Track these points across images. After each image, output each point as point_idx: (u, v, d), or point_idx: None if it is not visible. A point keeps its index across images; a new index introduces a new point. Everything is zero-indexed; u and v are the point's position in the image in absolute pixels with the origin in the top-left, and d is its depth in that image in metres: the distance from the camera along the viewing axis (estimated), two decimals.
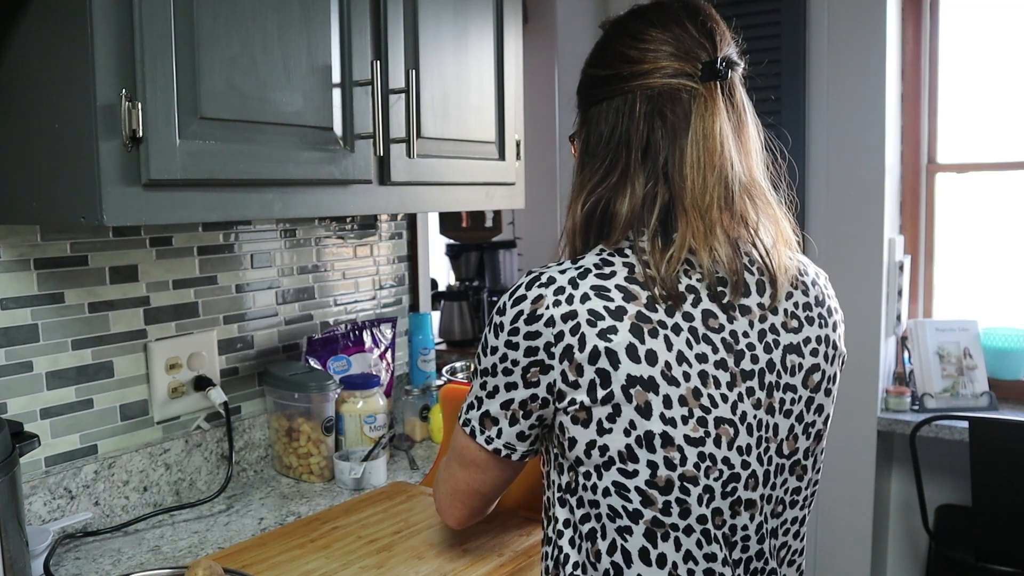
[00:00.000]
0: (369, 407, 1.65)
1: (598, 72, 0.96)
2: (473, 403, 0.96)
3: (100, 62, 0.96)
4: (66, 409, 1.36)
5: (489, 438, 0.94)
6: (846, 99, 2.60)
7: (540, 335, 0.87)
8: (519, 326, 0.88)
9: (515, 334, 0.89)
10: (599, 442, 0.87)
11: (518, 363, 0.89)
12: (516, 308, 0.89)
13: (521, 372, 0.89)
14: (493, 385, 0.92)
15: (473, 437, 0.95)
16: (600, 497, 0.89)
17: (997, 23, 2.70)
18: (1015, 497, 2.15)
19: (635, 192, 0.91)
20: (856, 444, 2.64)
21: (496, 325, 0.91)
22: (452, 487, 1.03)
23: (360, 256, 1.91)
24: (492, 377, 0.92)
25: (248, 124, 1.13)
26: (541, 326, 0.87)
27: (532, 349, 0.88)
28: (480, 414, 0.94)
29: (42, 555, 1.18)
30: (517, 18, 1.65)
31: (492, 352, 0.91)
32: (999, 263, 2.78)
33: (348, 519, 1.38)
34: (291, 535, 1.32)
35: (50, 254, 1.32)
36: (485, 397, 0.93)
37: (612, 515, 0.88)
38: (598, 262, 0.90)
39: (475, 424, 0.95)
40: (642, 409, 0.84)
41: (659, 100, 0.91)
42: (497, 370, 0.91)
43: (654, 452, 0.85)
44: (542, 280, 0.89)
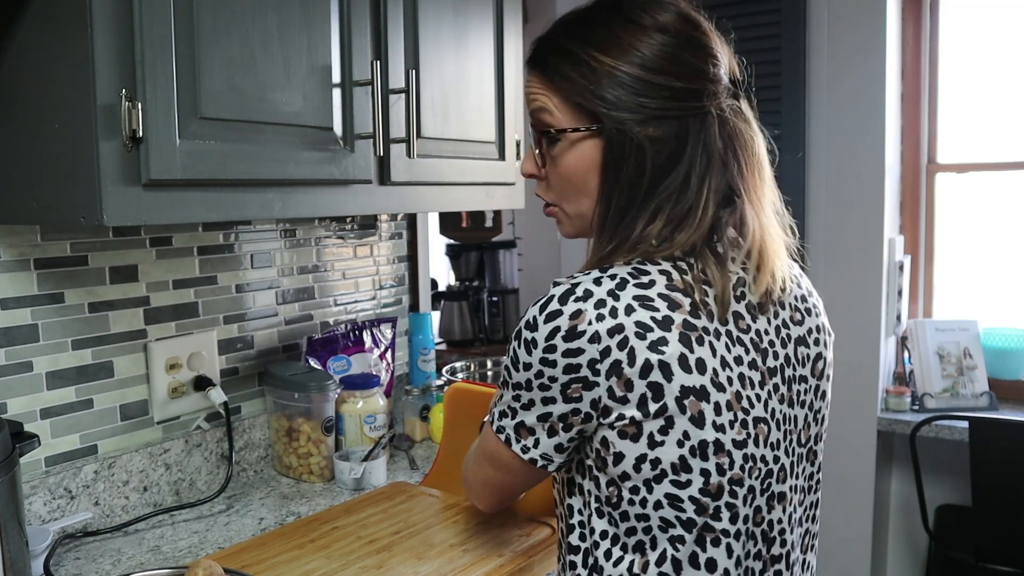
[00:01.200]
0: (369, 407, 1.65)
1: (653, 79, 0.86)
2: (506, 412, 0.91)
3: (100, 62, 0.96)
4: (66, 409, 1.36)
5: (525, 447, 0.90)
6: (846, 99, 2.60)
7: (583, 352, 0.83)
8: (556, 343, 0.83)
9: (551, 351, 0.84)
10: (650, 455, 0.84)
11: (556, 379, 0.85)
12: (551, 324, 0.84)
13: (560, 388, 0.85)
14: (528, 399, 0.88)
15: (508, 445, 0.91)
16: (651, 511, 0.86)
17: (997, 23, 2.70)
18: (1015, 497, 2.15)
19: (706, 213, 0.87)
20: (856, 444, 2.64)
21: (528, 341, 0.86)
22: (484, 480, 1.00)
23: (360, 256, 1.91)
24: (526, 391, 0.88)
25: (248, 124, 1.13)
26: (584, 343, 0.82)
27: (573, 366, 0.83)
28: (515, 423, 0.90)
29: (42, 555, 1.18)
30: (517, 18, 1.65)
31: (525, 368, 0.86)
32: (999, 263, 2.78)
33: (348, 519, 1.38)
34: (291, 535, 1.32)
35: (50, 254, 1.32)
36: (520, 408, 0.89)
37: (664, 526, 0.86)
38: (632, 271, 0.85)
39: (510, 432, 0.91)
40: (695, 419, 0.83)
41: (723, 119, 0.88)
42: (532, 385, 0.87)
43: (707, 460, 0.85)
44: (578, 293, 0.84)
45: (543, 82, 0.91)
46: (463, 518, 1.37)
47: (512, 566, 1.21)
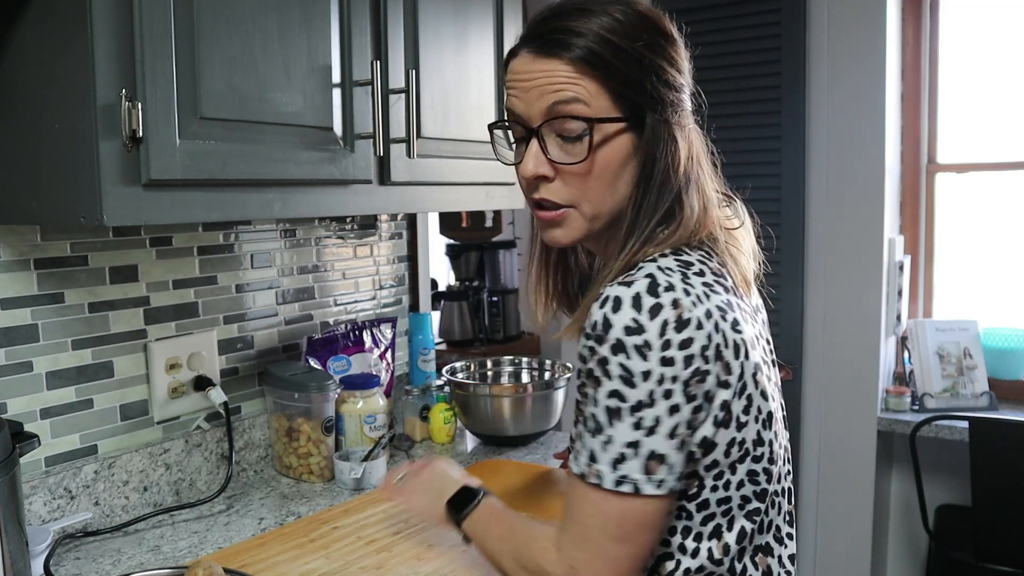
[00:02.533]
0: (369, 407, 1.65)
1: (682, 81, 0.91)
2: (624, 453, 0.80)
3: (100, 62, 0.96)
4: (66, 409, 1.36)
5: (660, 482, 0.81)
6: (846, 99, 2.60)
7: (693, 340, 0.79)
8: (670, 337, 0.79)
9: (667, 347, 0.79)
10: (738, 438, 0.84)
11: (678, 378, 0.79)
12: (659, 318, 0.79)
13: (682, 387, 0.80)
14: (654, 417, 0.80)
15: (636, 493, 0.81)
16: (733, 491, 0.86)
17: (997, 23, 2.70)
18: (1015, 497, 2.15)
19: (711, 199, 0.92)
20: (856, 444, 2.64)
21: (639, 346, 0.79)
22: (618, 568, 0.83)
23: (360, 256, 1.91)
24: (650, 408, 0.79)
25: (248, 124, 1.13)
26: (693, 330, 0.79)
27: (689, 358, 0.79)
28: (642, 461, 0.80)
29: (42, 555, 1.18)
30: (517, 18, 1.65)
31: (644, 378, 0.79)
32: (999, 263, 2.78)
33: (348, 519, 1.38)
34: (291, 535, 1.32)
35: (50, 254, 1.32)
36: (644, 436, 0.80)
37: (743, 503, 0.87)
38: (678, 263, 0.85)
39: (637, 476, 0.80)
40: (763, 393, 0.86)
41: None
42: (656, 396, 0.79)
43: (769, 430, 0.88)
44: (663, 285, 0.80)
45: (580, 71, 0.85)
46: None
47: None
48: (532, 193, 0.92)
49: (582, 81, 0.85)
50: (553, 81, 0.86)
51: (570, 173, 0.88)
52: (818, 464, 2.73)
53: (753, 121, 2.63)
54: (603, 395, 0.80)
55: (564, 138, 0.88)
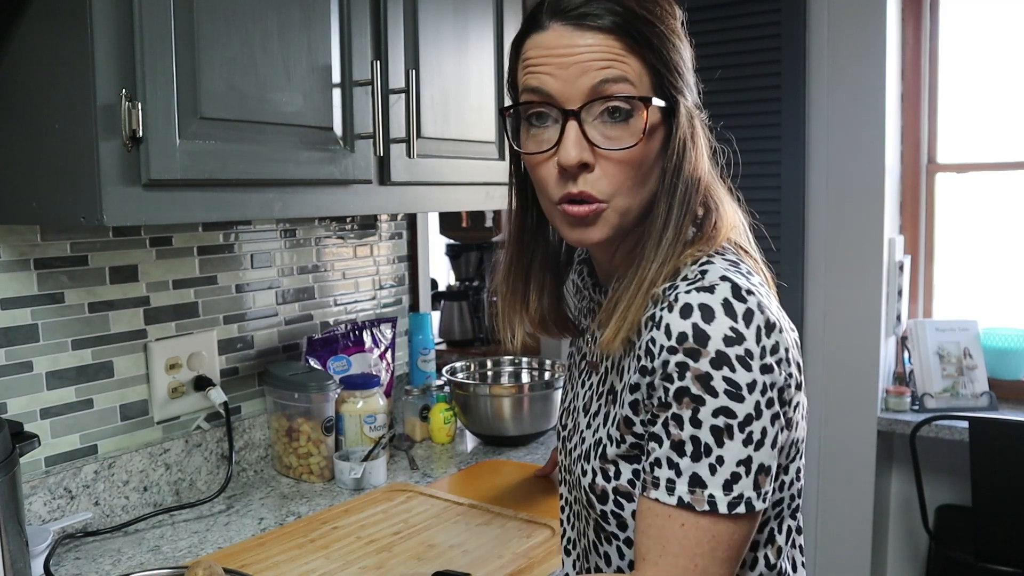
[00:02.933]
0: (369, 407, 1.65)
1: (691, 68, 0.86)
2: (737, 473, 0.75)
3: (100, 62, 0.96)
4: (66, 409, 1.36)
5: (766, 495, 0.77)
6: (846, 99, 2.60)
7: (779, 344, 0.77)
8: (765, 344, 0.75)
9: (765, 355, 0.75)
10: (793, 437, 0.84)
11: (775, 384, 0.76)
12: (753, 324, 0.75)
13: (778, 394, 0.76)
14: (761, 429, 0.75)
15: (751, 510, 0.76)
16: (785, 492, 0.86)
17: (997, 23, 2.70)
18: (1015, 497, 2.15)
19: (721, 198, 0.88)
20: (856, 444, 2.64)
21: (740, 357, 0.74)
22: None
23: (360, 256, 1.91)
24: (758, 420, 0.75)
25: (248, 124, 1.13)
26: (778, 334, 0.77)
27: (780, 363, 0.77)
28: (753, 477, 0.75)
29: (42, 555, 1.18)
30: (517, 18, 1.65)
31: (750, 390, 0.74)
32: (999, 263, 2.78)
33: (348, 519, 1.38)
34: (291, 535, 1.32)
35: (50, 254, 1.32)
36: (754, 451, 0.75)
37: (790, 502, 0.88)
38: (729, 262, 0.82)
39: (750, 494, 0.75)
40: (798, 385, 0.82)
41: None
42: (762, 408, 0.75)
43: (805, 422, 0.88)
44: (744, 288, 0.76)
45: (626, 47, 0.78)
46: (463, 519, 1.37)
47: (513, 567, 1.21)
48: (566, 186, 0.80)
49: (628, 59, 0.78)
50: (599, 57, 0.77)
51: (612, 161, 0.79)
52: (818, 464, 2.73)
53: (753, 121, 2.62)
54: (707, 414, 0.74)
55: (606, 122, 0.79)
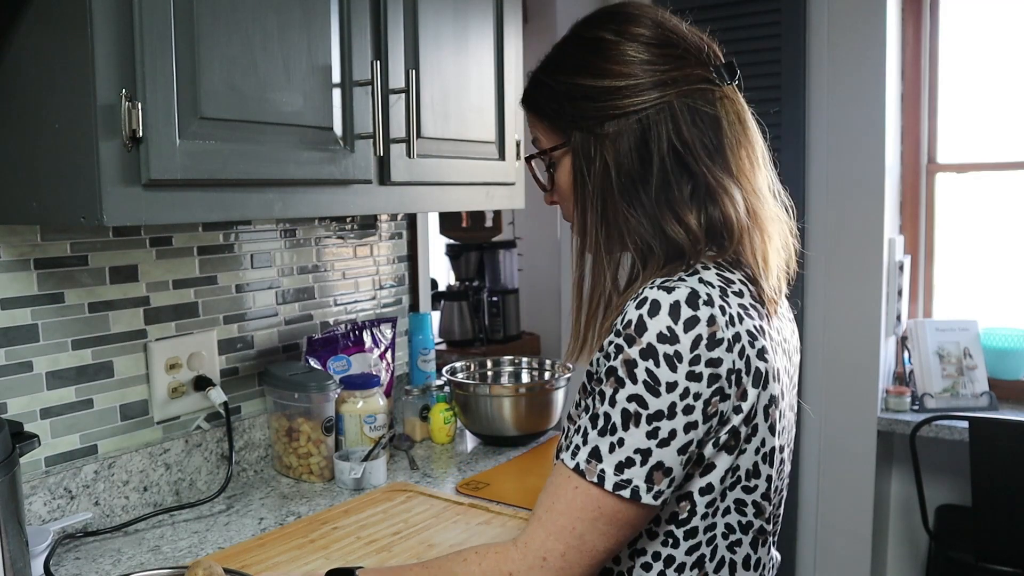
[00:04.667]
0: (369, 407, 1.65)
1: (612, 83, 0.87)
2: (632, 459, 0.80)
3: (100, 62, 0.96)
4: (66, 409, 1.36)
5: (659, 493, 0.81)
6: (846, 99, 2.60)
7: (722, 361, 0.79)
8: (700, 353, 0.78)
9: (697, 363, 0.78)
10: (734, 464, 0.84)
11: (700, 396, 0.79)
12: (692, 332, 0.78)
13: (703, 406, 0.79)
14: (669, 430, 0.79)
15: (635, 499, 0.80)
16: (719, 518, 0.86)
17: (997, 23, 2.70)
18: (1015, 497, 2.15)
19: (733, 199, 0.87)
20: (856, 444, 2.64)
21: (670, 356, 0.78)
22: (591, 560, 0.83)
23: (360, 256, 1.91)
24: (669, 420, 0.79)
25: (248, 124, 1.13)
26: (723, 351, 0.79)
27: (714, 376, 0.79)
28: (648, 469, 0.80)
29: (42, 555, 1.18)
30: (517, 18, 1.65)
31: (669, 389, 0.78)
32: (999, 263, 2.78)
33: (348, 520, 1.38)
34: (291, 536, 1.32)
35: (50, 254, 1.32)
36: (656, 446, 0.79)
37: (727, 532, 0.87)
38: (722, 279, 0.84)
39: (639, 483, 0.80)
40: (771, 427, 0.86)
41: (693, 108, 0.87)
42: (676, 410, 0.79)
43: (771, 466, 0.87)
44: (702, 297, 0.80)
45: (530, 116, 0.97)
46: (463, 519, 1.37)
47: None
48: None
49: (535, 123, 0.97)
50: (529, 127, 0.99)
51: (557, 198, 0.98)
52: (818, 464, 2.73)
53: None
54: (623, 397, 0.80)
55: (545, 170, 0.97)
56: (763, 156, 0.92)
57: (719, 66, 0.89)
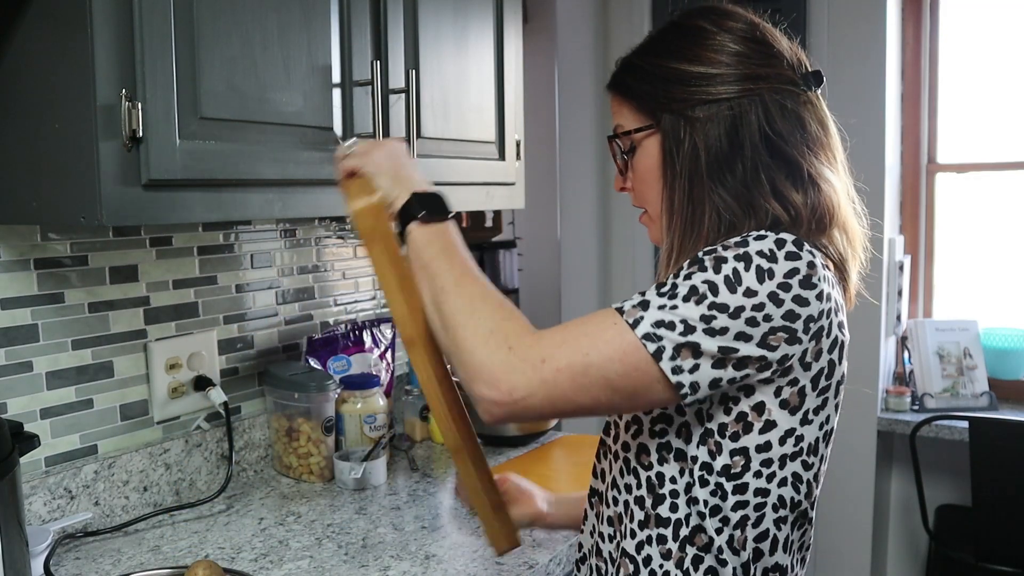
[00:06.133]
0: (369, 407, 1.65)
1: (706, 69, 0.89)
2: (674, 323, 0.78)
3: (100, 62, 0.96)
4: (66, 409, 1.36)
5: (678, 368, 0.79)
6: (846, 99, 2.59)
7: (808, 304, 0.79)
8: (792, 283, 0.79)
9: (786, 289, 0.79)
10: (798, 431, 0.84)
11: (771, 319, 0.78)
12: (791, 264, 0.79)
13: (766, 330, 0.79)
14: (722, 325, 0.78)
15: (657, 358, 0.78)
16: (775, 487, 0.85)
17: (997, 23, 2.70)
18: (1015, 497, 2.15)
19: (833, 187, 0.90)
20: (856, 444, 2.64)
21: (764, 270, 0.79)
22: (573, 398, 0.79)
23: (360, 256, 1.91)
24: (729, 318, 0.78)
25: (248, 124, 1.13)
26: (813, 296, 0.80)
27: (793, 314, 0.79)
28: (683, 342, 0.78)
29: (42, 555, 1.18)
30: (517, 18, 1.65)
31: (747, 294, 0.78)
32: (999, 263, 2.78)
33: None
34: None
35: (50, 254, 1.32)
36: (703, 331, 0.78)
37: (778, 505, 0.86)
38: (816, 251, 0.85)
39: (667, 346, 0.78)
40: (837, 407, 0.88)
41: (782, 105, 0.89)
42: (742, 315, 0.78)
43: (827, 448, 0.89)
44: (807, 247, 0.82)
45: (616, 99, 0.97)
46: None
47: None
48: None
49: (620, 106, 0.96)
50: (612, 111, 0.98)
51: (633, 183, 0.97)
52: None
53: None
54: (699, 279, 0.79)
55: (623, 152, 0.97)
56: (843, 164, 0.95)
57: (806, 73, 0.92)
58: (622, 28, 2.93)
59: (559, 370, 0.79)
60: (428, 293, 0.88)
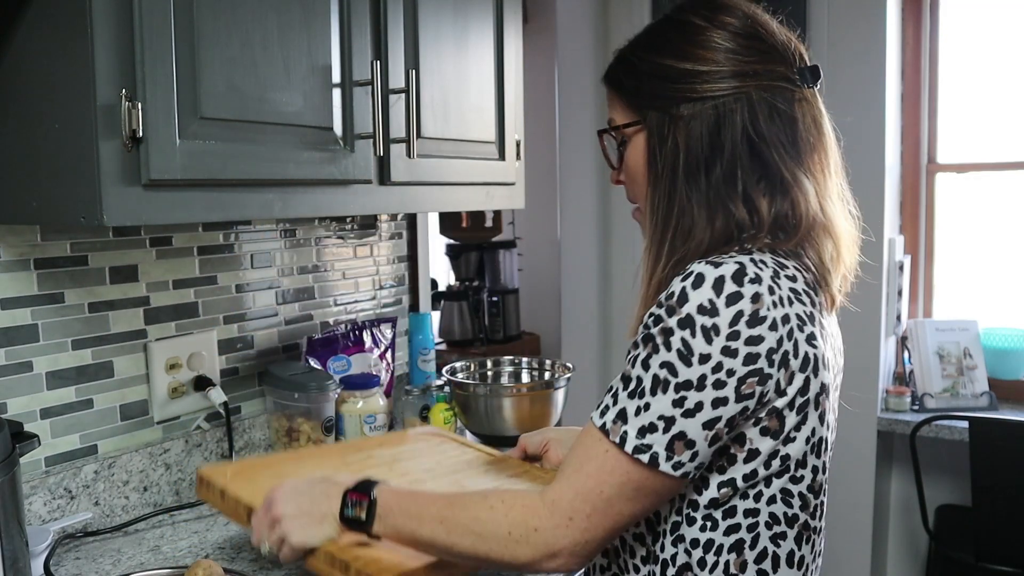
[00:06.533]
0: (369, 407, 1.65)
1: (693, 67, 0.88)
2: (655, 424, 0.80)
3: (100, 62, 0.96)
4: (66, 409, 1.36)
5: (678, 464, 0.80)
6: (846, 99, 2.59)
7: (763, 340, 0.79)
8: (739, 329, 0.78)
9: (735, 339, 0.78)
10: (782, 451, 0.84)
11: (734, 373, 0.78)
12: (734, 308, 0.78)
13: (736, 384, 0.79)
14: (696, 401, 0.79)
15: (654, 466, 0.80)
16: (763, 505, 0.85)
17: (997, 23, 2.70)
18: (1015, 497, 2.15)
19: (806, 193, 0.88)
20: (856, 444, 2.64)
21: (706, 328, 0.78)
22: (615, 523, 0.84)
23: (360, 256, 1.91)
24: (697, 392, 0.79)
25: (248, 124, 1.13)
26: (765, 330, 0.79)
27: (753, 356, 0.79)
28: (669, 438, 0.80)
29: (42, 555, 1.18)
30: (517, 18, 1.65)
31: (701, 361, 0.78)
32: (999, 263, 2.78)
33: (383, 451, 1.34)
34: (325, 456, 1.31)
35: (50, 254, 1.32)
36: (680, 416, 0.79)
37: (771, 523, 0.86)
38: (776, 263, 0.85)
39: (659, 450, 0.80)
40: (822, 416, 0.86)
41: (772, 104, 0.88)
42: (706, 383, 0.78)
43: (819, 457, 0.87)
44: (749, 275, 0.80)
45: (609, 93, 0.97)
46: (495, 468, 1.30)
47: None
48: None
49: (612, 100, 0.97)
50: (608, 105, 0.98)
51: (624, 177, 0.98)
52: None
53: None
54: (656, 363, 0.80)
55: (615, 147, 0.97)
56: (836, 164, 0.94)
57: (803, 68, 0.90)
58: (622, 28, 2.93)
59: (588, 517, 0.83)
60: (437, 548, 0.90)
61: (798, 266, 0.88)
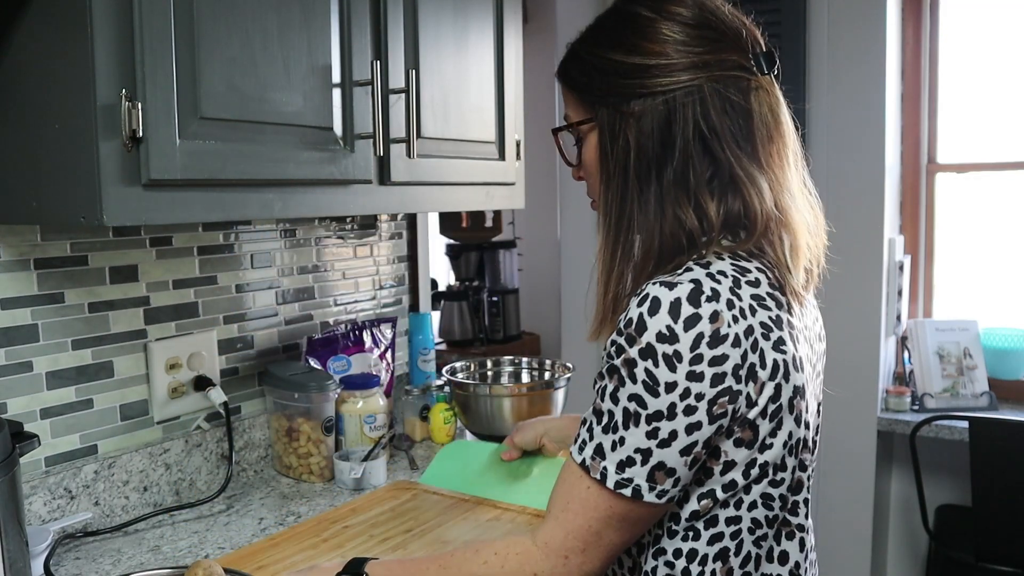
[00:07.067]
0: (369, 407, 1.65)
1: (642, 61, 0.85)
2: (632, 458, 0.80)
3: (100, 62, 0.96)
4: (66, 409, 1.36)
5: (663, 492, 0.81)
6: (846, 99, 2.60)
7: (727, 358, 0.78)
8: (702, 352, 0.77)
9: (698, 362, 0.77)
10: (759, 459, 0.83)
11: (703, 396, 0.78)
12: (693, 331, 0.77)
13: (707, 406, 0.78)
14: (670, 430, 0.78)
15: (637, 498, 0.81)
16: (744, 512, 0.85)
17: (997, 23, 2.70)
18: (1015, 497, 2.15)
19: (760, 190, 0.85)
20: (856, 444, 2.64)
21: (668, 356, 0.77)
22: (609, 554, 0.85)
23: (360, 256, 1.91)
24: (669, 421, 0.78)
25: (248, 124, 1.13)
26: (728, 347, 0.77)
27: (719, 376, 0.78)
28: (649, 469, 0.80)
29: (42, 555, 1.18)
30: (517, 18, 1.65)
31: (668, 390, 0.78)
32: (999, 263, 2.78)
33: (357, 518, 1.37)
34: (302, 536, 1.31)
35: (50, 254, 1.32)
36: (656, 447, 0.79)
37: (753, 527, 0.85)
38: (735, 268, 0.83)
39: (641, 482, 0.80)
40: (798, 418, 0.85)
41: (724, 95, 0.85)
42: (676, 411, 0.78)
43: (796, 457, 0.86)
44: (707, 293, 0.78)
45: (563, 89, 0.96)
46: (472, 515, 1.37)
47: None
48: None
49: (566, 97, 0.96)
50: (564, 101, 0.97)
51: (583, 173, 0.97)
52: (818, 464, 2.73)
53: None
54: (624, 396, 0.80)
55: (572, 144, 0.96)
56: (795, 153, 0.90)
57: (758, 54, 0.87)
58: None
59: (583, 552, 0.84)
60: None
61: (761, 266, 0.86)
